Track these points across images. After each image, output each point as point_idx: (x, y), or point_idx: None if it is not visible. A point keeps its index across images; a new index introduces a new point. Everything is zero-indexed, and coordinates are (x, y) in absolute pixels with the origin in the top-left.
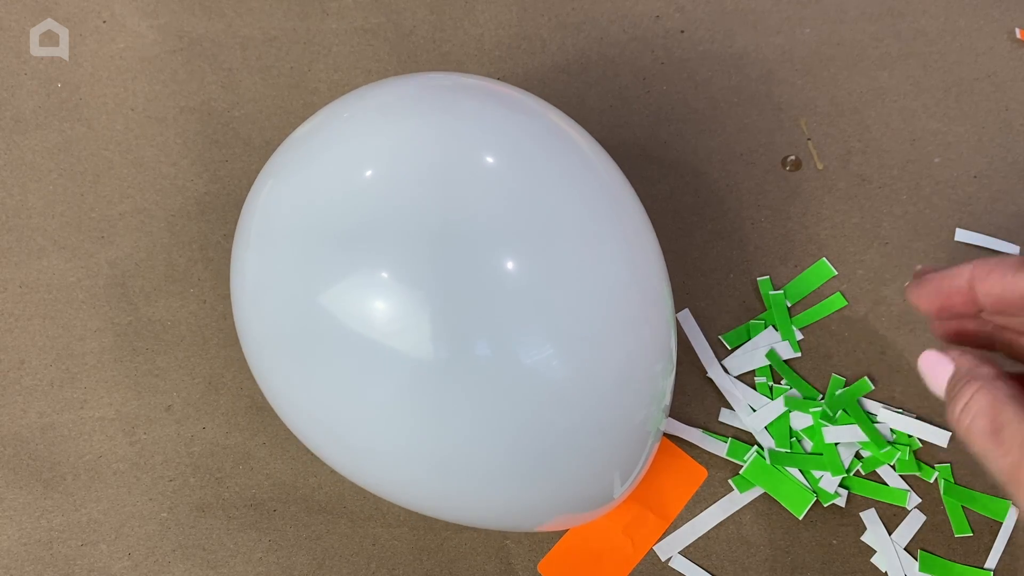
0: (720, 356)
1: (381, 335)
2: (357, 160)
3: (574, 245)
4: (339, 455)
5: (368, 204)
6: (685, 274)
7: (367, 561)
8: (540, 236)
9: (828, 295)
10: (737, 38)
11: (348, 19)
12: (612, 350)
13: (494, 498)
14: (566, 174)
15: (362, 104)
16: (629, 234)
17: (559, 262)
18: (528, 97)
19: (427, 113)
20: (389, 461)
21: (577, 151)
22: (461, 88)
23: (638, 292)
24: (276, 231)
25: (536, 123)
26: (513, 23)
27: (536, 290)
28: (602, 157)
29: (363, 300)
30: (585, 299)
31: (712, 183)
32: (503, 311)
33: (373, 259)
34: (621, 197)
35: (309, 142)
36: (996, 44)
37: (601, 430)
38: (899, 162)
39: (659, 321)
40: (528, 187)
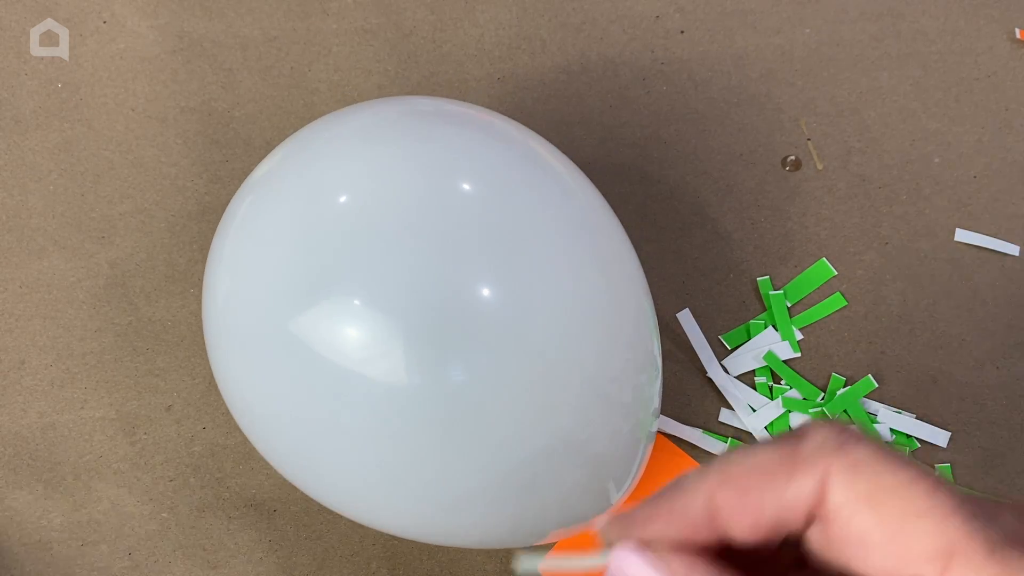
0: (720, 356)
1: (354, 362)
2: (334, 184)
3: (550, 269)
4: (313, 482)
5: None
6: (685, 274)
7: (367, 561)
8: (516, 261)
9: (828, 295)
10: (737, 38)
11: (348, 19)
12: (593, 369)
13: (487, 522)
14: (542, 200)
15: (343, 127)
16: (605, 255)
17: (535, 286)
18: (507, 123)
19: (405, 139)
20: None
21: (554, 177)
22: (440, 114)
23: (616, 311)
24: (250, 250)
25: (512, 150)
26: (513, 23)
27: (514, 314)
28: (580, 180)
29: (336, 326)
30: (563, 321)
31: (712, 183)
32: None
33: (346, 285)
34: (598, 219)
35: (287, 163)
36: (996, 44)
37: (590, 446)
38: (899, 162)
39: (640, 335)
40: (504, 213)
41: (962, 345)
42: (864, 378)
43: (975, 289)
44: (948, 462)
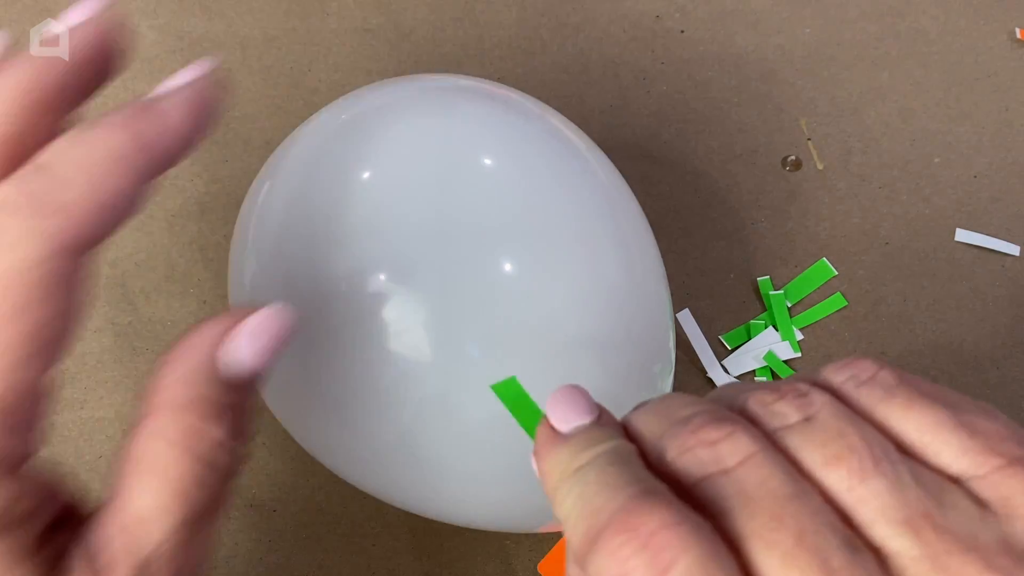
0: (720, 356)
1: (376, 336)
2: (355, 163)
3: (571, 247)
4: (334, 455)
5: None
6: (685, 274)
7: (367, 562)
8: (536, 238)
9: (828, 295)
10: (737, 38)
11: (348, 19)
12: (609, 351)
13: (493, 500)
14: (564, 177)
15: (360, 107)
16: (627, 236)
17: (556, 264)
18: (526, 99)
19: (424, 116)
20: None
21: (576, 154)
22: (459, 90)
23: (635, 294)
24: (273, 234)
25: (534, 125)
26: (513, 23)
27: (532, 292)
28: (601, 160)
29: (359, 302)
30: (582, 301)
31: (712, 183)
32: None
33: (368, 262)
34: (619, 199)
35: (307, 144)
36: (996, 44)
37: None
38: (899, 162)
39: (657, 322)
40: (525, 190)
41: (962, 345)
42: None
43: (975, 289)
44: None
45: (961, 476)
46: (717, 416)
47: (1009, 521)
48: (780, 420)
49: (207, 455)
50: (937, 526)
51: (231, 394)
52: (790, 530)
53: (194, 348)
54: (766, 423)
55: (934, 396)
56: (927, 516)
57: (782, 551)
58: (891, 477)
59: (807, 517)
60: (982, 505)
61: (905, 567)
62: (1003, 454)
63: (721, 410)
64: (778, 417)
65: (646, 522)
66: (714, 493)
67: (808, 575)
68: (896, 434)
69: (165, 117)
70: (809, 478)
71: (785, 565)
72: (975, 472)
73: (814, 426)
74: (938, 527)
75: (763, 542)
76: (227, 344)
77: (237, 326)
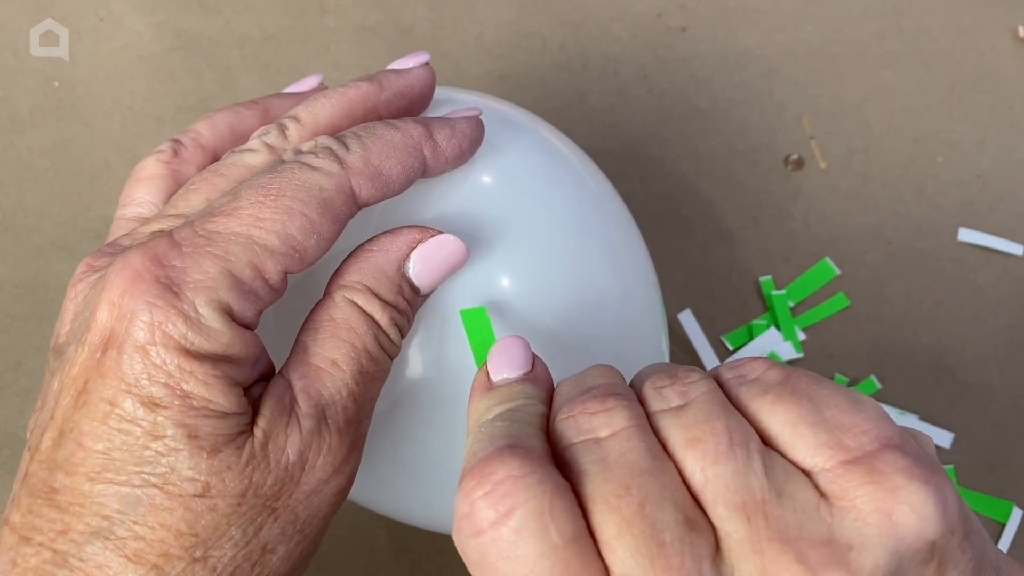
0: (722, 357)
1: None
2: None
3: (560, 256)
4: None
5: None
6: (687, 274)
7: (367, 565)
8: (526, 248)
9: (831, 295)
10: (739, 36)
11: (347, 17)
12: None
13: None
14: (553, 187)
15: None
16: (617, 243)
17: (545, 273)
18: (515, 110)
19: None
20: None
21: (565, 165)
22: (449, 102)
23: (626, 302)
24: None
25: (524, 137)
26: (513, 20)
27: (525, 302)
28: (590, 168)
29: None
30: (572, 309)
31: (714, 182)
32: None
33: None
34: (609, 207)
35: None
36: (999, 43)
37: None
38: (902, 161)
39: (649, 329)
40: (514, 200)
41: (965, 346)
42: (867, 379)
43: (979, 289)
44: (951, 463)
45: (811, 469)
46: (608, 391)
47: (842, 514)
48: (662, 403)
49: (376, 333)
50: (768, 514)
51: (401, 296)
52: (634, 499)
53: (386, 250)
54: (650, 404)
55: (807, 393)
56: (761, 503)
57: (621, 517)
58: (741, 463)
59: (654, 491)
60: (824, 497)
61: (730, 548)
62: (850, 449)
63: (619, 386)
64: (662, 400)
65: (496, 471)
66: (580, 458)
67: (639, 544)
68: (764, 428)
69: (449, 143)
70: (671, 457)
71: (620, 531)
72: (823, 466)
73: (687, 410)
74: (768, 515)
75: (607, 506)
76: (412, 256)
77: (425, 241)
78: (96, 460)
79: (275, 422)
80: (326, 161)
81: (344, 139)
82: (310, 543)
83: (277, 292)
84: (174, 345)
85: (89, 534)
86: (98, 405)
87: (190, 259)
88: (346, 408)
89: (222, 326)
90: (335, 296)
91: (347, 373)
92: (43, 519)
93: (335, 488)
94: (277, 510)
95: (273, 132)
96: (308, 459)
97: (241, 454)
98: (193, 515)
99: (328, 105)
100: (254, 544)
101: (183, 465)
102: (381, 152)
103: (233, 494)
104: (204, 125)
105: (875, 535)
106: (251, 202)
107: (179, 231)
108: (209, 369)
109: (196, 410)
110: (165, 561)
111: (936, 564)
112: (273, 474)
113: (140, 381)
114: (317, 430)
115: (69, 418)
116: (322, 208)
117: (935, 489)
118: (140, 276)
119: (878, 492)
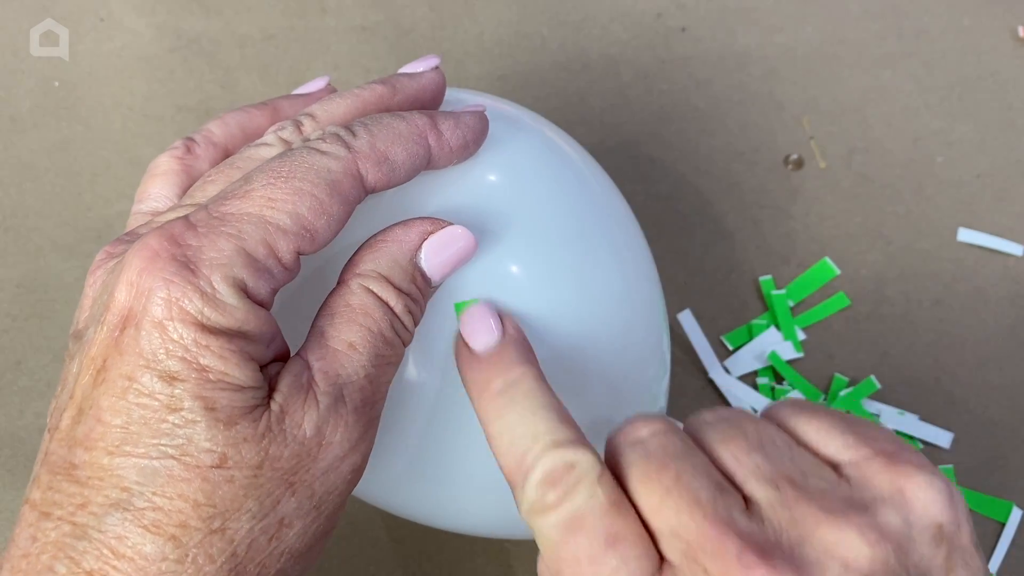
0: (722, 357)
1: None
2: None
3: (564, 254)
4: None
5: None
6: (687, 274)
7: (366, 564)
8: (529, 247)
9: (831, 295)
10: (739, 36)
11: (347, 17)
12: (604, 357)
13: (491, 508)
14: (556, 186)
15: None
16: (619, 242)
17: (549, 271)
18: (519, 110)
19: None
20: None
21: (569, 164)
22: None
23: (629, 299)
24: None
25: (527, 136)
26: (513, 21)
27: (526, 300)
28: (593, 168)
29: None
30: (575, 308)
31: (714, 182)
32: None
33: None
34: (612, 206)
35: None
36: (999, 43)
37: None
38: (902, 161)
39: (650, 327)
40: (518, 199)
41: (965, 346)
42: (867, 379)
43: (978, 289)
44: (951, 463)
45: (838, 462)
46: (653, 415)
47: (861, 487)
48: (699, 419)
49: (391, 319)
50: (795, 482)
51: (414, 285)
52: (671, 472)
53: (400, 240)
54: (687, 424)
55: (838, 414)
56: (790, 478)
57: (662, 487)
58: (769, 450)
59: (688, 466)
60: (846, 479)
61: (762, 507)
62: (875, 448)
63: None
64: (698, 417)
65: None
66: (627, 454)
67: (680, 503)
68: (799, 435)
69: (453, 133)
70: (706, 453)
71: (662, 497)
72: (849, 458)
73: (721, 421)
74: (795, 483)
75: (649, 480)
76: (424, 246)
77: (436, 233)
78: (115, 434)
79: (292, 397)
80: (334, 146)
81: (351, 127)
82: (326, 520)
83: (290, 272)
84: (191, 320)
85: (108, 506)
86: (117, 381)
87: (205, 238)
88: (363, 388)
89: (237, 302)
90: (351, 283)
91: (364, 355)
92: (63, 494)
93: (351, 466)
94: (294, 484)
95: (289, 127)
96: (325, 435)
97: (258, 426)
98: (211, 486)
99: (343, 105)
100: (271, 517)
101: (200, 436)
102: (387, 138)
103: (250, 465)
104: (215, 124)
105: (889, 502)
106: (263, 184)
107: (194, 214)
108: (225, 343)
109: (212, 383)
110: (183, 532)
111: (945, 552)
112: (290, 448)
113: (158, 355)
114: (335, 407)
115: (88, 395)
116: (331, 189)
117: (945, 483)
118: (157, 255)
119: (894, 475)
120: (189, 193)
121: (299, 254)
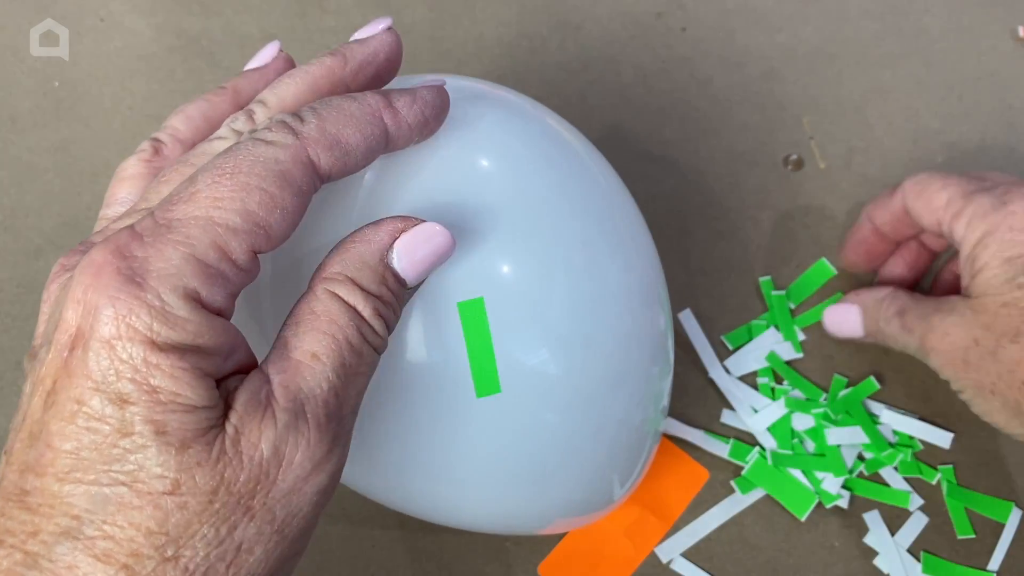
0: (722, 357)
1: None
2: None
3: (568, 249)
4: None
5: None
6: (687, 274)
7: (366, 564)
8: (533, 240)
9: (830, 295)
10: (739, 36)
11: (347, 17)
12: (608, 353)
13: (492, 502)
14: (561, 178)
15: None
16: (624, 237)
17: (554, 265)
18: (523, 99)
19: None
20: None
21: (573, 155)
22: (455, 90)
23: (634, 295)
24: None
25: (531, 126)
26: (513, 21)
27: (530, 293)
28: (599, 161)
29: None
30: (580, 302)
31: (714, 182)
32: (497, 314)
33: None
34: (617, 200)
35: None
36: (999, 43)
37: (598, 433)
38: (902, 161)
39: (655, 323)
40: (522, 191)
41: None
42: (866, 379)
43: None
44: (951, 463)
45: None
46: None
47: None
48: None
49: (358, 324)
50: None
51: (384, 287)
52: None
53: (368, 240)
54: None
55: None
56: None
57: None
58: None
59: None
60: None
61: None
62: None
63: None
64: None
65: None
66: None
67: None
68: None
69: (410, 109)
70: None
71: None
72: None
73: None
74: None
75: None
76: (396, 246)
77: (408, 231)
78: (65, 460)
79: (248, 416)
80: (279, 134)
81: (300, 112)
82: (290, 544)
83: (247, 273)
84: (140, 338)
85: (59, 535)
86: (66, 405)
87: (152, 248)
88: (327, 402)
89: (189, 314)
90: (316, 289)
91: (328, 366)
92: (15, 521)
93: (316, 487)
94: (252, 508)
95: (241, 118)
96: (284, 455)
97: (211, 450)
98: (163, 513)
99: (293, 85)
100: (228, 544)
101: (151, 462)
102: (338, 121)
103: (204, 491)
104: (179, 119)
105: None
106: (208, 183)
107: (140, 223)
108: (176, 361)
109: (163, 404)
110: (135, 560)
111: None
112: (246, 471)
113: (107, 378)
114: (294, 425)
115: (38, 419)
116: (281, 181)
117: None
118: (102, 270)
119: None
120: (144, 196)
121: (255, 253)
